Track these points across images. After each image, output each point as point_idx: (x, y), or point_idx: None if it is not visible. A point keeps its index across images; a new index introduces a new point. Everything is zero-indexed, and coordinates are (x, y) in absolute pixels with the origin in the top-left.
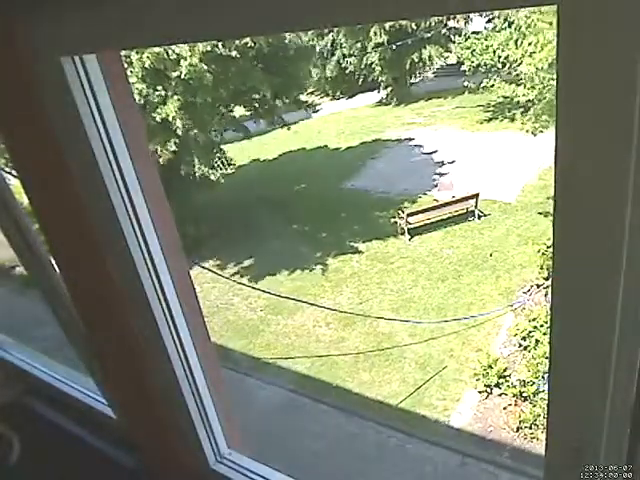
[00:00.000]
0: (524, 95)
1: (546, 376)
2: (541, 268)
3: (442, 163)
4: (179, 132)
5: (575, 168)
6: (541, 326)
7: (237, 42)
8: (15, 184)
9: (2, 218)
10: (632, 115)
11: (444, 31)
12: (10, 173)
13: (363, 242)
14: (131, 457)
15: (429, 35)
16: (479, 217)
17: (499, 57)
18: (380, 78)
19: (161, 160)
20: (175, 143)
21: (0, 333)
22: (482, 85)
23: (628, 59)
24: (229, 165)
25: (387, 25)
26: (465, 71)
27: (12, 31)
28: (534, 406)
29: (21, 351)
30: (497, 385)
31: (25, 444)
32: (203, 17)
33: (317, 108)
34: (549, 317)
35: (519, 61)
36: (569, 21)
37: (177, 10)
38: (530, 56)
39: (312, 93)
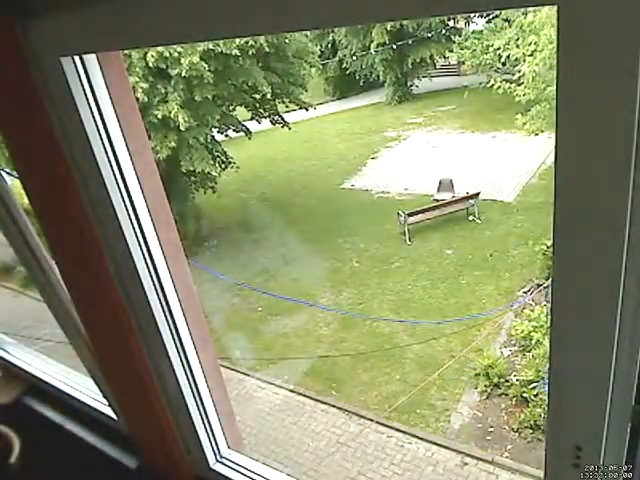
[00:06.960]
0: (524, 95)
1: (546, 376)
2: (541, 268)
3: (442, 163)
4: (181, 128)
5: (575, 168)
6: (541, 326)
7: (238, 40)
8: (15, 184)
9: (2, 218)
10: (632, 115)
11: (444, 31)
12: (10, 173)
13: (363, 242)
14: (131, 457)
15: (430, 35)
16: (479, 217)
17: (499, 57)
18: (381, 78)
19: (161, 156)
20: (175, 140)
21: (0, 333)
22: (482, 85)
23: (628, 59)
24: (229, 164)
25: (388, 25)
26: (465, 71)
27: (12, 31)
28: (534, 406)
29: (21, 351)
30: (497, 385)
31: (25, 444)
32: (203, 17)
33: (318, 108)
34: (549, 317)
35: (520, 61)
36: (569, 21)
37: (177, 10)
38: (531, 55)
39: (313, 93)
